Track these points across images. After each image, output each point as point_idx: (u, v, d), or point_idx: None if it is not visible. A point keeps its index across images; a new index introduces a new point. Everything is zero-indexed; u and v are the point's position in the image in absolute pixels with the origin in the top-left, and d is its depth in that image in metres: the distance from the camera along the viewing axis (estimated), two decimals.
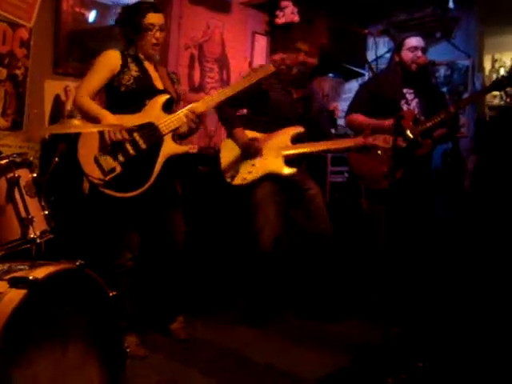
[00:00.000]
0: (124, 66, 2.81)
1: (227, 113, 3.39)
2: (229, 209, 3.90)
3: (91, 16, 4.09)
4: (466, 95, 5.01)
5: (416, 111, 3.50)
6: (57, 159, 2.27)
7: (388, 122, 3.30)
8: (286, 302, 3.65)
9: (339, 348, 2.99)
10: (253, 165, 3.29)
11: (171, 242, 3.00)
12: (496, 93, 7.23)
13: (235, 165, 3.32)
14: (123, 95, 2.79)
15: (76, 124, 2.97)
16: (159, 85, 2.90)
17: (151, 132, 2.74)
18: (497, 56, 7.26)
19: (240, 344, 3.05)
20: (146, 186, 2.69)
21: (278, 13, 5.05)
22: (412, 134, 3.33)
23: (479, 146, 4.37)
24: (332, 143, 3.32)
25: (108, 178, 2.64)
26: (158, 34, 2.85)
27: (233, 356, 2.89)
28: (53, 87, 3.73)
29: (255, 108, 3.43)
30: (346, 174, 4.68)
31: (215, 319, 3.43)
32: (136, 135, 2.70)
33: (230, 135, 3.39)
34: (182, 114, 2.81)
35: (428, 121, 3.37)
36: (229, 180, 3.32)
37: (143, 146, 2.71)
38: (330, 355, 2.88)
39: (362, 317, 3.42)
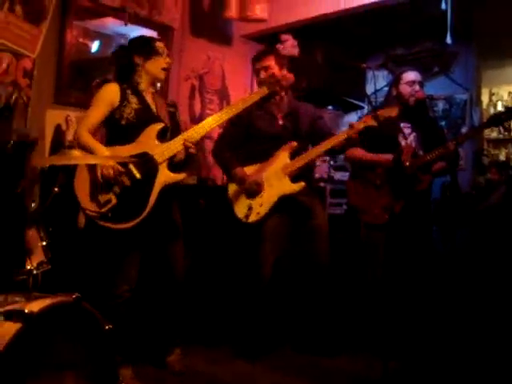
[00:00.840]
0: (123, 99, 2.83)
1: (222, 157, 3.46)
2: (230, 242, 3.90)
3: (94, 46, 4.15)
4: (464, 129, 5.05)
5: (414, 145, 3.52)
6: (56, 190, 2.28)
7: (387, 157, 3.32)
8: (283, 335, 3.62)
9: (340, 382, 2.97)
10: (261, 196, 3.28)
11: (170, 273, 2.98)
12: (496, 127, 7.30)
13: (244, 203, 3.31)
14: (124, 128, 2.81)
15: (76, 155, 2.97)
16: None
17: (146, 161, 2.74)
18: (494, 90, 7.32)
19: (236, 377, 3.02)
20: (142, 216, 2.67)
21: (278, 46, 5.11)
22: (411, 168, 3.34)
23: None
24: (327, 143, 3.22)
25: (104, 210, 2.64)
26: (168, 59, 2.95)
27: None
28: (54, 117, 3.76)
29: (248, 142, 3.45)
30: (345, 206, 4.69)
31: (212, 352, 3.39)
32: (131, 166, 2.71)
33: (230, 178, 3.42)
34: (178, 141, 2.81)
35: (427, 155, 3.39)
36: (244, 220, 3.29)
37: (138, 175, 2.71)
38: None
39: (359, 351, 3.38)
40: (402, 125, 3.58)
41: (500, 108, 7.10)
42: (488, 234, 3.77)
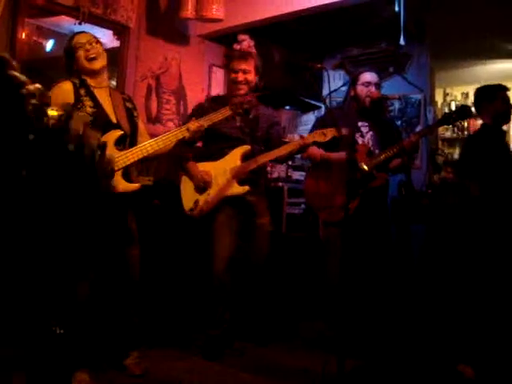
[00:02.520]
0: (77, 101, 2.78)
1: (179, 150, 3.43)
2: (185, 241, 3.89)
3: (49, 45, 4.06)
4: (419, 127, 5.14)
5: (370, 144, 3.58)
6: None
7: (341, 156, 3.36)
8: (242, 329, 3.66)
9: (294, 380, 2.99)
10: (208, 194, 3.35)
11: (126, 277, 2.96)
12: (448, 126, 7.48)
13: (192, 197, 3.40)
14: None
15: None
16: (113, 118, 2.87)
17: None
18: (448, 90, 7.53)
19: (196, 378, 3.01)
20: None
21: (235, 46, 5.10)
22: (366, 167, 3.40)
23: None
24: (276, 151, 3.31)
25: None
26: (87, 46, 2.87)
27: None
28: None
29: (207, 140, 3.46)
30: (303, 206, 4.73)
31: (171, 353, 3.37)
32: None
33: (184, 171, 3.48)
34: (134, 152, 2.80)
35: (382, 154, 3.45)
36: (189, 213, 3.39)
37: None
38: None
39: (319, 348, 3.41)
40: (359, 124, 3.64)
41: (454, 108, 7.30)
42: (444, 231, 3.85)
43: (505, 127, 3.90)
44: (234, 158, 3.36)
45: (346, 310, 3.04)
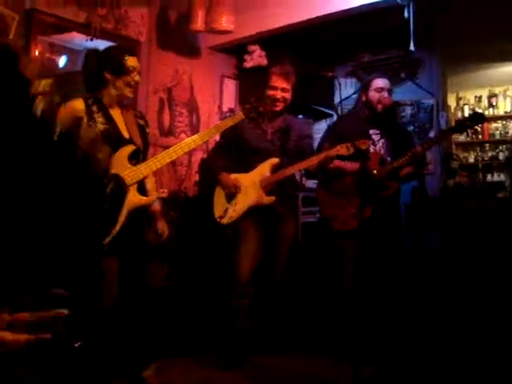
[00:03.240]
0: (89, 118, 2.79)
1: (213, 165, 3.65)
2: (204, 254, 3.93)
3: (61, 61, 4.10)
4: (431, 133, 5.12)
5: (382, 152, 3.56)
6: None
7: (354, 166, 3.35)
8: (259, 340, 3.63)
9: None
10: (236, 203, 3.43)
11: (144, 290, 2.97)
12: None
13: (222, 206, 3.49)
14: None
15: None
16: (126, 134, 2.89)
17: (115, 184, 2.73)
18: (461, 94, 7.50)
19: None
20: (111, 235, 2.67)
21: (246, 57, 5.14)
22: (378, 175, 3.39)
23: None
24: (301, 164, 3.37)
25: None
26: (137, 77, 2.90)
27: None
28: None
29: (237, 153, 3.56)
30: (318, 215, 4.72)
31: (190, 364, 3.38)
32: None
33: (216, 181, 3.56)
34: (148, 164, 2.82)
35: (394, 162, 3.44)
36: (218, 220, 3.49)
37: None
38: None
39: (331, 356, 3.40)
40: (370, 131, 3.62)
41: (467, 112, 7.27)
42: (462, 237, 3.82)
43: None
44: (263, 170, 3.43)
45: (360, 317, 3.03)
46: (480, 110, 6.98)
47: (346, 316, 3.34)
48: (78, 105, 2.81)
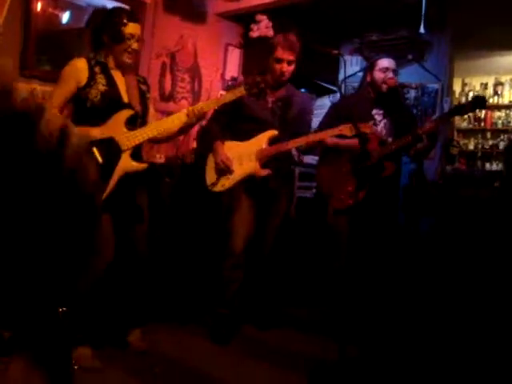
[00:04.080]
0: (91, 78, 2.77)
1: (210, 130, 3.57)
2: (198, 220, 3.92)
3: (65, 17, 4.02)
4: (434, 117, 5.07)
5: (383, 132, 3.53)
6: None
7: (355, 142, 3.32)
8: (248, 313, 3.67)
9: (298, 365, 2.99)
10: (230, 172, 3.39)
11: (133, 254, 2.97)
12: (465, 116, 7.39)
13: (215, 173, 3.45)
14: (89, 110, 2.77)
15: None
16: (125, 98, 2.86)
17: (110, 147, 2.72)
18: (467, 80, 7.43)
19: (200, 360, 3.02)
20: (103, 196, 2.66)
21: (252, 26, 5.05)
22: (376, 157, 3.37)
23: None
24: (301, 139, 3.30)
25: None
26: (135, 45, 2.84)
27: (191, 372, 2.86)
28: (19, 90, 3.65)
29: (236, 120, 3.48)
30: (314, 190, 4.71)
31: (177, 332, 3.38)
32: (94, 149, 2.68)
33: (211, 149, 3.50)
34: (144, 131, 2.80)
35: (393, 143, 3.42)
36: (210, 187, 3.46)
37: (99, 160, 2.69)
38: (290, 373, 2.91)
39: (322, 333, 3.41)
40: (373, 111, 3.59)
41: (471, 98, 7.20)
42: (455, 224, 3.81)
43: None
44: (260, 141, 3.36)
45: (349, 296, 3.04)
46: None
47: (337, 294, 3.35)
48: (81, 64, 2.79)
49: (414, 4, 4.02)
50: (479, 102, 3.32)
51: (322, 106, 5.59)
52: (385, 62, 3.58)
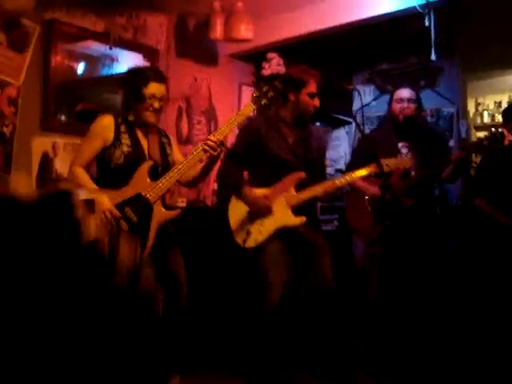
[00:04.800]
0: (116, 138, 2.84)
1: (232, 175, 3.27)
2: (225, 265, 3.86)
3: (80, 68, 4.12)
4: (452, 142, 5.07)
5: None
6: None
7: (375, 191, 3.32)
8: (293, 362, 3.46)
9: None
10: (262, 224, 3.13)
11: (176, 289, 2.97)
12: (481, 135, 7.35)
13: (244, 226, 3.17)
14: (113, 171, 2.83)
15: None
16: (147, 154, 2.92)
17: (140, 203, 2.75)
18: (480, 99, 7.39)
19: None
20: (146, 252, 2.74)
21: (264, 64, 5.12)
22: (396, 191, 3.35)
23: None
24: (335, 182, 3.14)
25: None
26: (156, 104, 2.87)
27: None
28: (40, 144, 3.72)
29: (255, 162, 3.27)
30: (336, 223, 4.70)
31: (211, 379, 3.30)
32: (127, 209, 2.72)
33: (239, 196, 3.22)
34: (168, 177, 2.80)
35: (415, 177, 3.41)
36: (241, 243, 3.16)
37: (135, 219, 2.72)
38: None
39: (367, 373, 3.24)
40: (399, 145, 3.60)
41: (486, 117, 7.18)
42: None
43: None
44: (288, 187, 3.14)
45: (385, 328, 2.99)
46: (500, 116, 6.88)
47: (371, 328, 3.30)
48: (108, 122, 2.87)
49: (421, 31, 4.04)
50: (497, 138, 3.32)
51: (338, 137, 5.62)
52: (401, 93, 3.62)
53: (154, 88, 2.86)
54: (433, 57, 3.95)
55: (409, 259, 3.44)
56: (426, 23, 3.90)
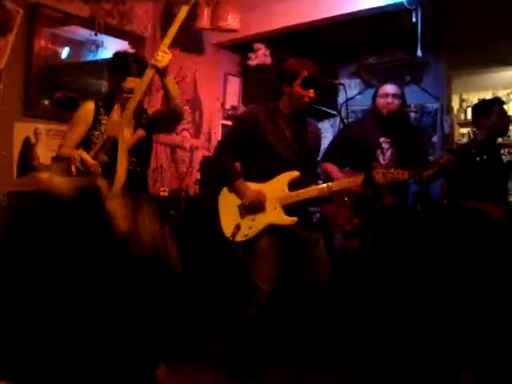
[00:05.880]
0: (95, 120, 2.94)
1: (225, 164, 3.23)
2: (207, 255, 3.87)
3: (64, 52, 4.07)
4: (435, 138, 5.10)
5: (389, 161, 3.51)
6: None
7: (357, 185, 3.17)
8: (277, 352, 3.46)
9: None
10: (253, 219, 3.12)
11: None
12: (464, 132, 7.43)
13: (235, 220, 3.15)
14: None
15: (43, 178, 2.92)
16: None
17: (108, 142, 2.82)
18: (464, 96, 7.45)
19: None
20: (116, 182, 2.77)
21: (250, 55, 5.11)
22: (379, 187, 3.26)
23: None
24: (318, 188, 3.15)
25: None
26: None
27: None
28: (22, 129, 3.68)
29: (252, 153, 3.22)
30: (318, 215, 4.71)
31: (196, 367, 3.25)
32: (100, 155, 2.80)
33: (231, 188, 3.20)
34: (129, 104, 2.84)
35: (401, 176, 3.36)
36: (230, 238, 3.14)
37: (105, 159, 2.79)
38: None
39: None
40: (381, 139, 3.60)
41: (470, 114, 7.23)
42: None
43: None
44: (281, 184, 3.13)
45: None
46: None
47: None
48: (89, 107, 2.99)
49: (408, 27, 4.06)
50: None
51: (322, 129, 5.61)
52: (386, 88, 3.63)
53: (132, 83, 2.93)
54: (418, 53, 3.97)
55: (386, 254, 3.47)
56: (413, 19, 3.91)
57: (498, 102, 3.77)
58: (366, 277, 3.18)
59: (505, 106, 3.78)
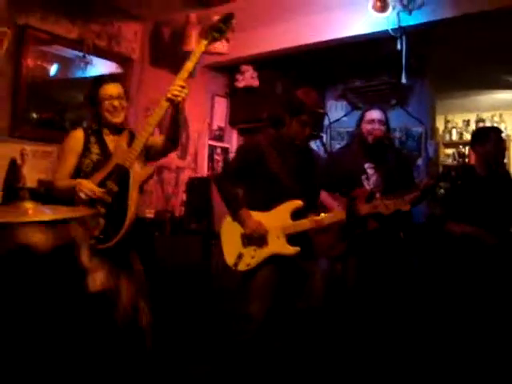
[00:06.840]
0: (86, 148, 2.87)
1: (229, 191, 3.20)
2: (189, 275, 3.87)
3: (53, 69, 4.07)
4: (420, 161, 5.16)
5: (374, 186, 3.53)
6: None
7: (340, 216, 3.14)
8: None
9: None
10: (255, 249, 3.10)
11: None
12: (449, 152, 7.52)
13: (238, 249, 3.13)
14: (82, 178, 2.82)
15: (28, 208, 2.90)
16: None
17: (118, 171, 2.77)
18: (449, 117, 7.56)
19: None
20: (127, 222, 2.72)
21: (238, 76, 5.15)
22: (361, 214, 3.22)
23: None
24: (318, 220, 3.09)
25: (97, 233, 2.66)
26: (115, 103, 2.90)
27: None
28: (8, 150, 3.68)
29: (254, 180, 3.19)
30: None
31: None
32: (109, 183, 2.75)
33: (234, 217, 3.16)
34: (140, 137, 2.82)
35: (378, 202, 3.33)
36: (233, 267, 3.12)
37: (115, 188, 2.74)
38: None
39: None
40: (366, 165, 3.60)
41: (455, 135, 7.34)
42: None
43: None
44: (284, 214, 3.10)
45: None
46: (468, 134, 7.04)
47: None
48: (78, 135, 2.91)
49: (394, 52, 4.12)
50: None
51: None
52: (372, 114, 3.61)
53: (109, 89, 2.90)
54: (403, 80, 4.02)
55: (369, 279, 3.48)
56: (398, 47, 3.97)
57: (495, 131, 3.77)
58: (349, 302, 3.19)
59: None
